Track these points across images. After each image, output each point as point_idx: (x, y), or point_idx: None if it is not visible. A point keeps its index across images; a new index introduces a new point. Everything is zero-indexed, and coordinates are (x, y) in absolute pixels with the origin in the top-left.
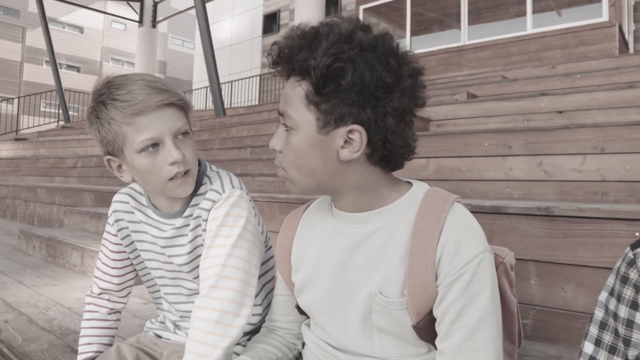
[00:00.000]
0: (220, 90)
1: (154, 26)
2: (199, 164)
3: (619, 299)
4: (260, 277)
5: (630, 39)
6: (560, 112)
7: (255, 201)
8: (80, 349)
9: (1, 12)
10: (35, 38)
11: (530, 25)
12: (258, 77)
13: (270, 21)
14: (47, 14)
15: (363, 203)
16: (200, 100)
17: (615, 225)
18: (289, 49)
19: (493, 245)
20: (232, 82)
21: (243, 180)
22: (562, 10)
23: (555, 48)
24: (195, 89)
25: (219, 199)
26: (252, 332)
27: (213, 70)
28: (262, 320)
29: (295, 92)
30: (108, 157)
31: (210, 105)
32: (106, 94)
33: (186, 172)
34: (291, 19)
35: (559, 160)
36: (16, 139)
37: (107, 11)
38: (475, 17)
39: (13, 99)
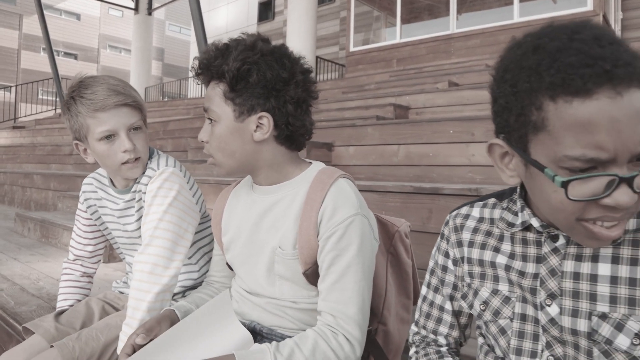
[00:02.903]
0: None
1: (149, 14)
2: (150, 151)
3: (439, 250)
4: (197, 241)
5: (617, 27)
6: None
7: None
8: (58, 304)
9: None
10: (32, 25)
11: (517, 13)
12: None
13: (266, 8)
14: (43, 0)
15: (273, 178)
16: (196, 88)
17: None
18: (207, 60)
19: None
20: None
21: None
22: None
23: None
24: (191, 77)
25: (154, 175)
26: (192, 287)
27: None
28: (201, 277)
29: (215, 91)
30: (76, 141)
31: None
32: (76, 92)
33: (137, 159)
34: (286, 6)
35: None
36: (14, 127)
37: None
38: (465, 5)
39: (11, 87)
